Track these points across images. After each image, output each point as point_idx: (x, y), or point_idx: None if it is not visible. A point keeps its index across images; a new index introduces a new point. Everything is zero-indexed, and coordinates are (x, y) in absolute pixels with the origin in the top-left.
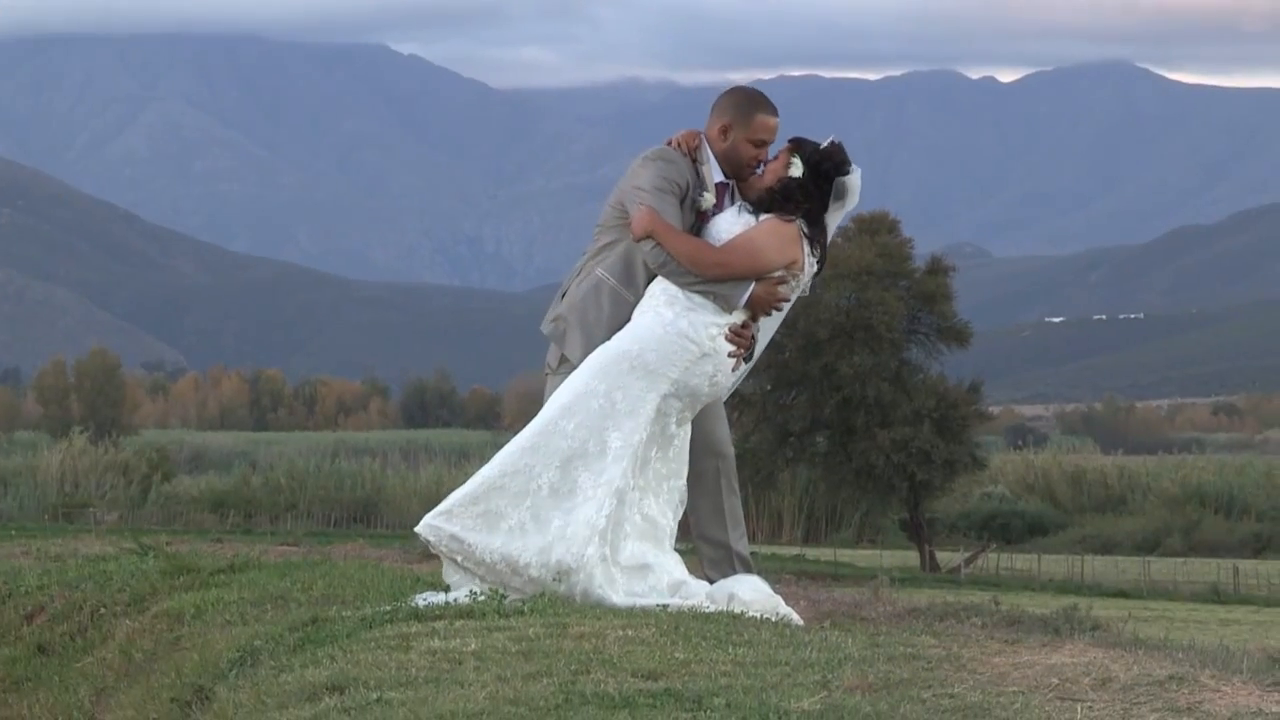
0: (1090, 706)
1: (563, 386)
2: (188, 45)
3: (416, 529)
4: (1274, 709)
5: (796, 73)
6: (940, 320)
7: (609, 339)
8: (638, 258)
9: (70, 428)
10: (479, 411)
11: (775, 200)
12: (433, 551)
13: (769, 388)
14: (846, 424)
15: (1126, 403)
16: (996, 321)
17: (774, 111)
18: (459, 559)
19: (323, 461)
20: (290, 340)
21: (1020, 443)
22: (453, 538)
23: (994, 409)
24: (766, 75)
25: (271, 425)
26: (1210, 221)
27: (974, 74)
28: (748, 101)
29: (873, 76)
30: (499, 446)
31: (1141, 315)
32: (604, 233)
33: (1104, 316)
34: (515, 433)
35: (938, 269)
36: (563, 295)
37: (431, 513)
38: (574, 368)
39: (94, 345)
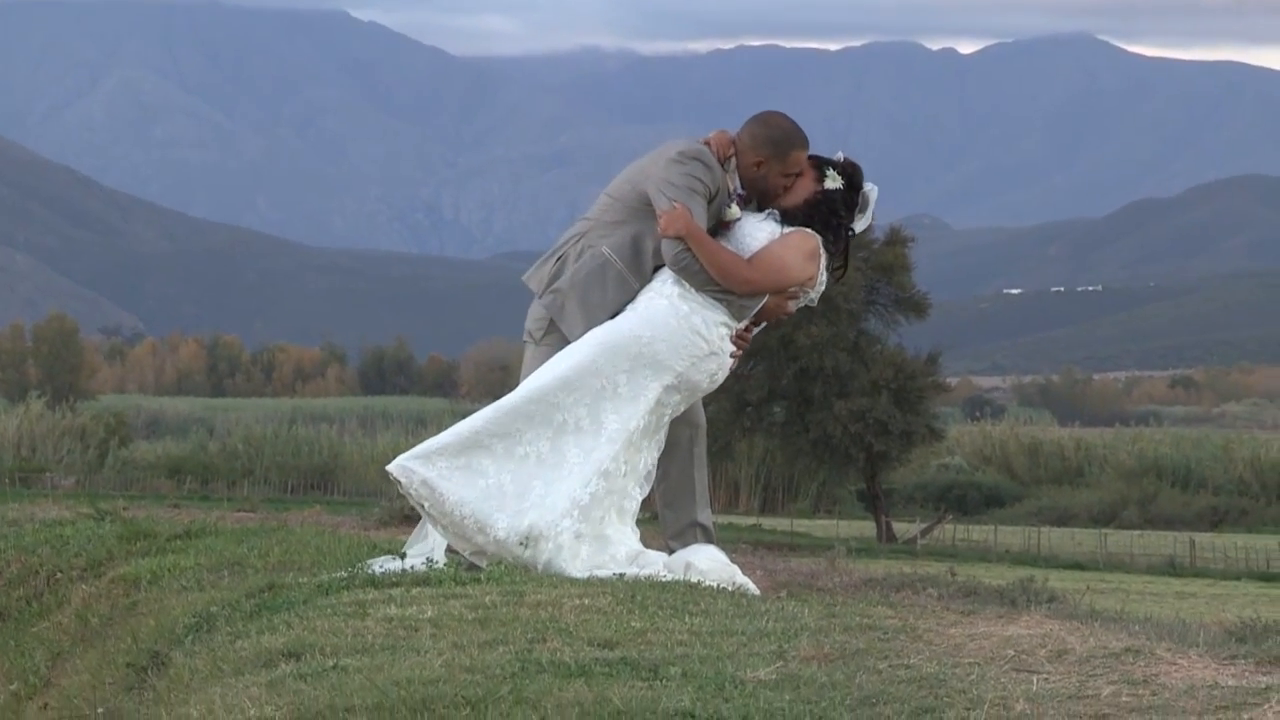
0: (1046, 678)
1: (562, 357)
2: (149, 11)
3: (388, 467)
4: (1230, 682)
5: (756, 43)
6: (898, 291)
7: (608, 320)
8: (648, 245)
9: (27, 392)
10: (436, 379)
11: (818, 213)
12: (400, 492)
13: None
14: (804, 394)
15: (1084, 375)
16: (955, 293)
17: (807, 144)
18: (426, 505)
19: (280, 428)
20: (248, 307)
21: (977, 414)
22: (425, 483)
23: (951, 380)
24: (726, 45)
25: (229, 391)
26: (1169, 195)
27: (934, 45)
28: (785, 139)
29: (833, 47)
30: (457, 414)
31: (1100, 288)
32: (615, 209)
33: (1062, 289)
34: (473, 400)
35: (896, 240)
36: (558, 259)
37: (407, 454)
38: (561, 338)
39: (52, 310)
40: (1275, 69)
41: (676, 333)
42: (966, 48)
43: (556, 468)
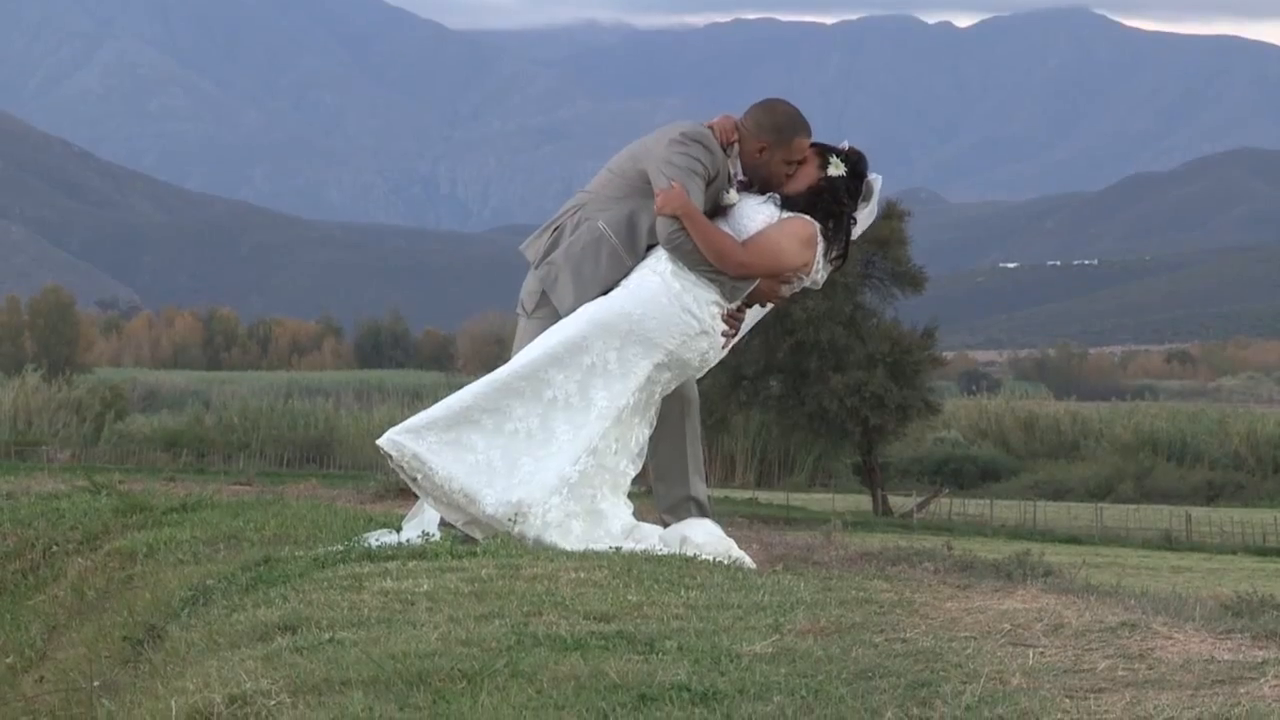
0: (1042, 652)
1: (552, 332)
2: None
3: (379, 441)
4: (1226, 657)
5: (752, 16)
6: (894, 265)
7: (599, 294)
8: (644, 223)
9: (23, 365)
10: (433, 352)
11: (822, 200)
12: (390, 466)
13: None
14: (800, 368)
15: (1080, 349)
16: (951, 267)
17: (810, 132)
18: (418, 478)
19: (276, 401)
20: (244, 279)
21: (974, 388)
22: (415, 456)
23: (948, 354)
24: (723, 19)
25: (225, 364)
26: (1165, 169)
27: (931, 19)
28: (789, 125)
29: (829, 20)
30: (453, 388)
31: (1096, 262)
32: (615, 184)
33: (1058, 263)
34: (469, 374)
35: (892, 214)
36: (554, 230)
37: (397, 428)
38: (553, 311)
39: (48, 283)
40: (1272, 43)
41: (667, 310)
42: (963, 21)
43: (546, 444)
